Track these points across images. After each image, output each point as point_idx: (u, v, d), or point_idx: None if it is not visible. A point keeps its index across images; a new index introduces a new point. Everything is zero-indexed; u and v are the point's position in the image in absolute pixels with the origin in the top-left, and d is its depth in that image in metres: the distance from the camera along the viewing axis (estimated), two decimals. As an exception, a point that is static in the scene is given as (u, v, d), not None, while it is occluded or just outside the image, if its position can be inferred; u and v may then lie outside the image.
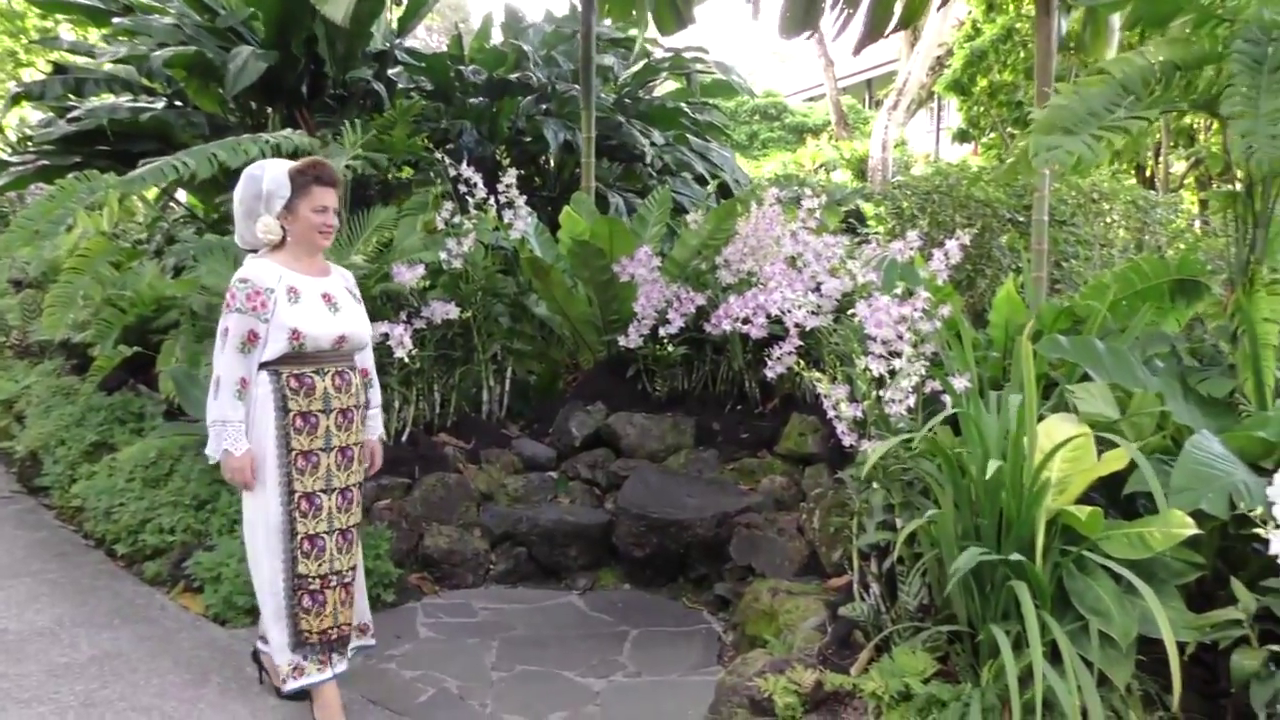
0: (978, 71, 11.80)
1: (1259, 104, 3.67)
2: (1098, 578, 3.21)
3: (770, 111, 27.35)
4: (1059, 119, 4.06)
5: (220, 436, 3.34)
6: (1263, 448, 3.53)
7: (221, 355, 3.34)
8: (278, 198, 3.40)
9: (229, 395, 3.33)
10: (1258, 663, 2.98)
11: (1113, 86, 4.20)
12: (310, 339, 3.39)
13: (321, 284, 3.51)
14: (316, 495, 3.48)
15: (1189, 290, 4.55)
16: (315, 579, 3.48)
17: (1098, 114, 4.07)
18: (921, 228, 5.84)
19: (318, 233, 3.46)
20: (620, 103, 8.59)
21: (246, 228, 3.48)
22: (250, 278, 3.34)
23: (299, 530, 3.45)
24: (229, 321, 3.33)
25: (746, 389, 5.94)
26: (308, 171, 3.42)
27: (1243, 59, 3.82)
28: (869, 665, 3.45)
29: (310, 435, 3.45)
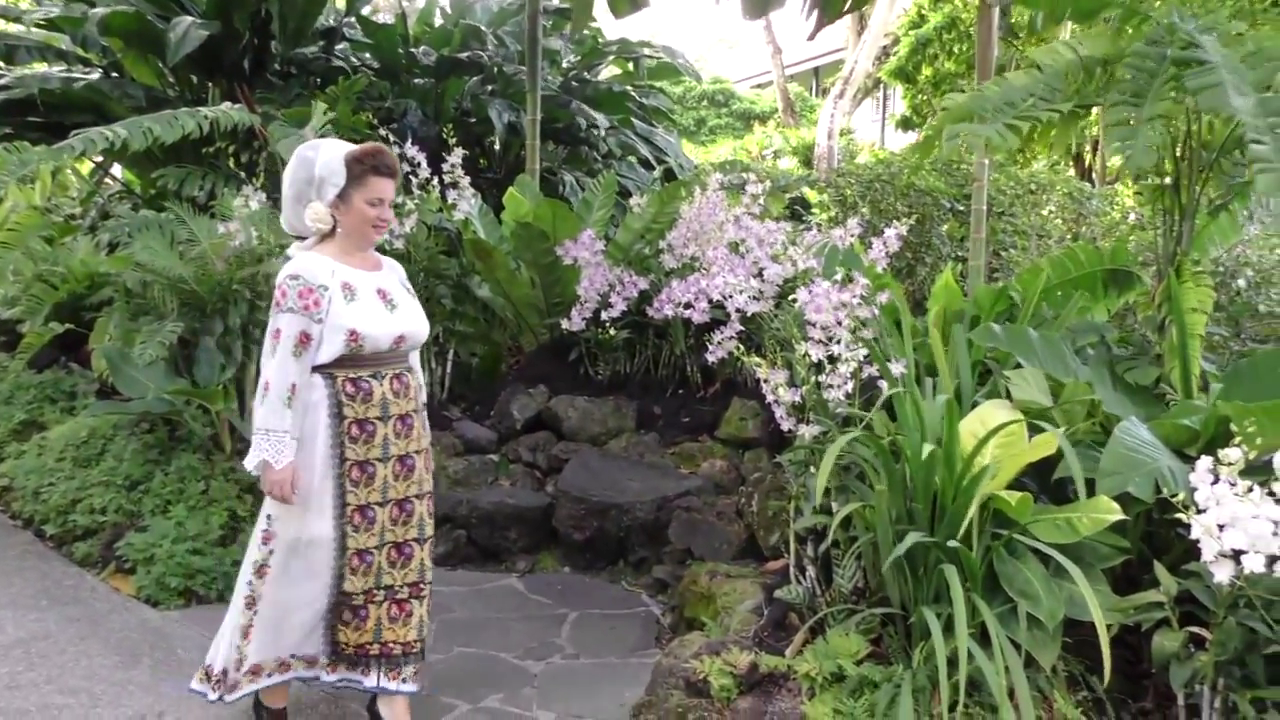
0: (922, 60, 11.92)
1: (1144, 108, 3.72)
2: (1027, 561, 3.28)
3: (718, 98, 27.37)
4: (975, 107, 4.12)
5: (261, 446, 3.02)
6: (1187, 435, 3.62)
7: (271, 359, 3.02)
8: (331, 184, 3.09)
9: (278, 402, 3.00)
10: (1177, 644, 3.06)
11: (1036, 80, 4.27)
12: (369, 340, 3.07)
13: (375, 279, 3.19)
14: (371, 508, 3.18)
15: (1120, 280, 4.65)
16: (360, 594, 3.20)
17: (1014, 104, 4.13)
18: (863, 215, 5.89)
19: (371, 226, 3.14)
20: (567, 85, 8.56)
21: (294, 212, 3.17)
22: (302, 274, 3.02)
23: (350, 545, 3.16)
24: (280, 322, 3.01)
25: (688, 373, 5.96)
26: (365, 159, 3.10)
27: (1137, 61, 3.88)
28: (803, 647, 3.49)
29: (367, 444, 3.14)
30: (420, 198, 6.01)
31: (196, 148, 6.54)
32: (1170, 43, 3.88)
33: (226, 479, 5.07)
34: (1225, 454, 2.99)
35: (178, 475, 5.06)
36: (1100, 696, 3.20)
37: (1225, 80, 3.67)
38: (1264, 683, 2.99)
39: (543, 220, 5.81)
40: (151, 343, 4.87)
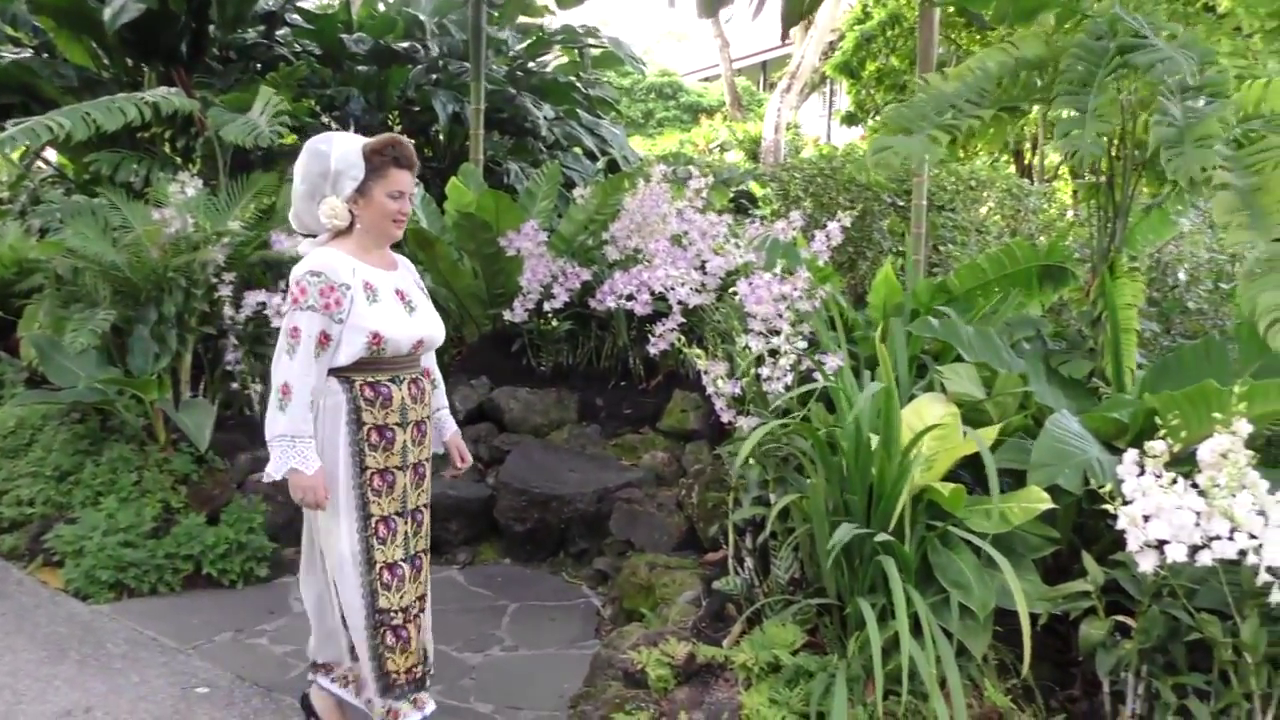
0: (867, 55, 12.01)
1: (1087, 101, 3.78)
2: (960, 552, 3.33)
3: (666, 90, 27.36)
4: (905, 118, 4.16)
5: (288, 453, 2.83)
6: (1116, 427, 3.69)
7: (291, 359, 2.84)
8: (348, 178, 2.91)
9: (301, 406, 2.83)
10: (1103, 632, 3.13)
11: (968, 83, 4.31)
12: (391, 343, 2.93)
13: (393, 279, 3.05)
14: (393, 519, 3.02)
15: (1055, 276, 4.73)
16: (397, 612, 3.03)
17: (941, 112, 4.18)
18: (805, 209, 5.92)
19: (392, 221, 2.99)
20: (512, 75, 8.50)
21: (306, 209, 3.00)
22: (324, 270, 2.85)
23: (377, 559, 2.99)
24: (299, 320, 2.84)
25: (631, 365, 5.96)
26: (385, 150, 2.95)
27: (1080, 53, 3.95)
28: (741, 638, 3.51)
29: (386, 452, 2.99)
30: (361, 186, 5.93)
31: (132, 132, 6.40)
32: (1115, 34, 3.95)
33: (160, 470, 4.99)
34: (1150, 446, 3.05)
35: (109, 466, 4.97)
36: (1029, 684, 3.25)
37: (1176, 55, 3.76)
38: (1185, 669, 3.07)
39: (486, 210, 5.77)
40: (83, 331, 4.78)
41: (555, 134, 8.25)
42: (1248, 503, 2.86)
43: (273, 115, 5.88)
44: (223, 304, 5.36)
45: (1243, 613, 2.92)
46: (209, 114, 6.21)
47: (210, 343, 5.58)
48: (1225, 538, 2.85)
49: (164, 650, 3.97)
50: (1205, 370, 3.95)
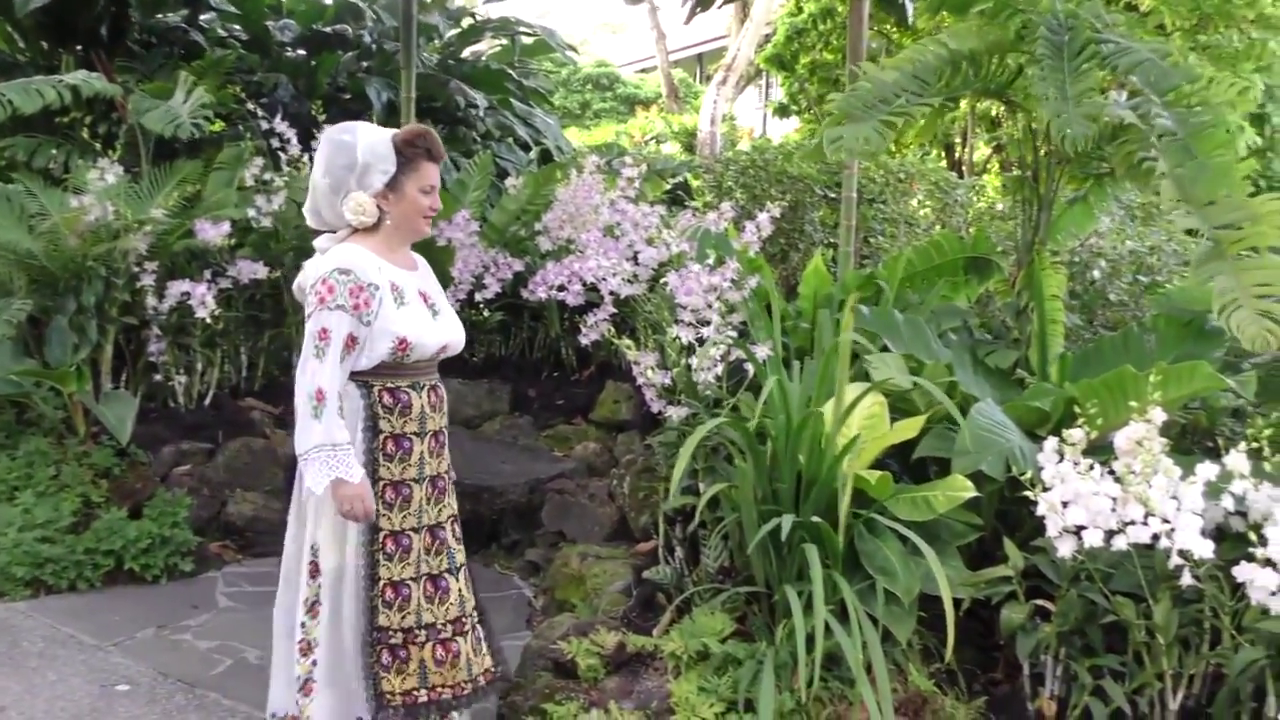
0: (800, 48, 12.09)
1: (1066, 88, 3.88)
2: (886, 539, 3.37)
3: (603, 81, 27.30)
4: (852, 106, 4.20)
5: (329, 464, 2.64)
6: (1038, 416, 3.77)
7: (320, 363, 2.65)
8: (378, 171, 2.75)
9: (333, 413, 2.64)
10: (1024, 616, 3.19)
11: (907, 73, 4.37)
12: (417, 348, 2.78)
13: (416, 279, 2.90)
14: (405, 534, 2.83)
15: (981, 267, 4.81)
16: (397, 632, 2.82)
17: (888, 100, 4.23)
18: (737, 201, 5.95)
19: (422, 217, 2.85)
20: (444, 64, 8.42)
21: (329, 204, 2.79)
22: (353, 269, 2.69)
23: (381, 575, 2.79)
24: (327, 321, 2.65)
25: (563, 356, 5.96)
26: (418, 142, 2.79)
27: (1047, 46, 4.03)
28: (670, 626, 3.52)
29: (403, 463, 2.82)
30: (290, 174, 5.85)
31: (49, 117, 6.23)
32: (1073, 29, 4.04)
33: (80, 464, 4.87)
34: (1069, 434, 3.12)
35: (26, 460, 4.83)
36: (953, 668, 3.31)
37: (1150, 56, 3.86)
38: (1102, 651, 3.15)
39: (416, 200, 5.71)
40: (-2, 321, 4.64)
41: (488, 124, 8.19)
42: (1161, 488, 2.94)
43: (197, 105, 5.76)
44: (145, 294, 5.24)
45: (1156, 595, 3.00)
46: (130, 100, 6.06)
47: (132, 333, 5.45)
48: (1140, 522, 2.92)
49: (83, 648, 3.88)
50: (1124, 360, 4.05)
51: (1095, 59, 3.94)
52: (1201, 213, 3.62)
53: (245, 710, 3.47)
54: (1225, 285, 3.45)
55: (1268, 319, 3.40)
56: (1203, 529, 2.92)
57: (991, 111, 10.12)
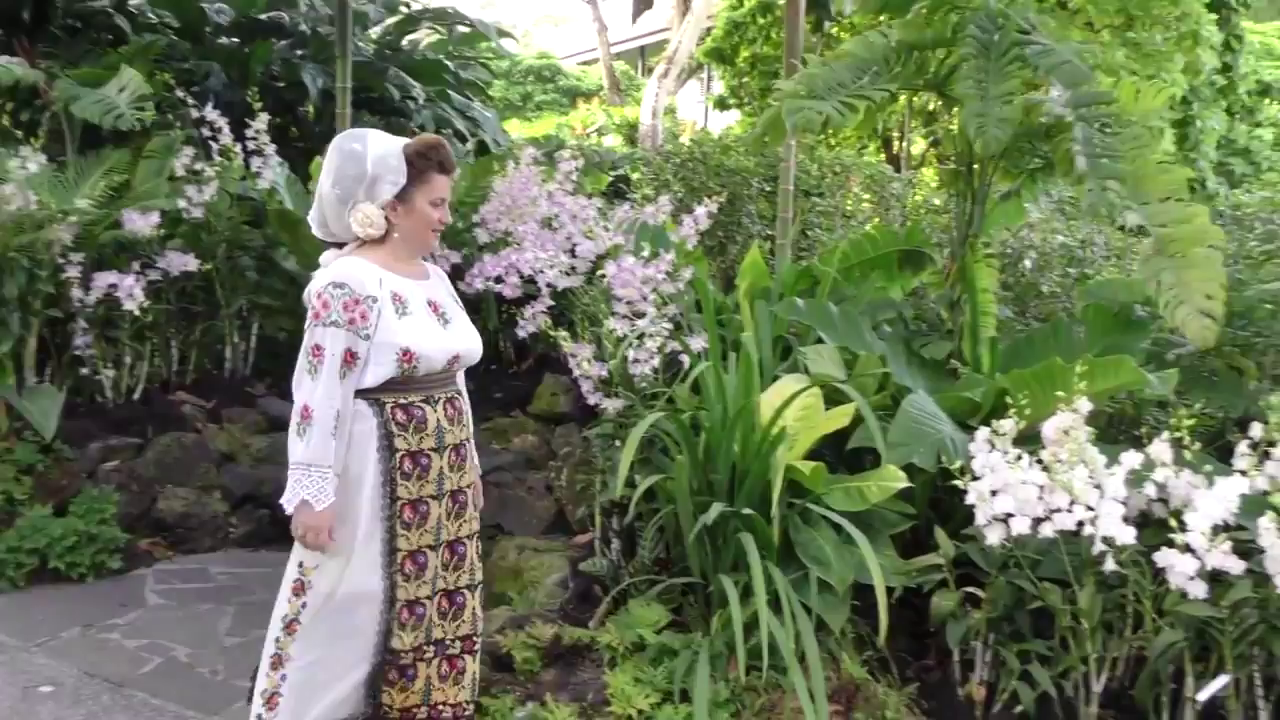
0: (740, 42, 12.14)
1: (988, 87, 3.94)
2: (820, 529, 3.41)
3: (544, 73, 27.21)
4: (810, 85, 4.23)
5: (301, 483, 2.53)
6: (970, 407, 3.82)
7: (315, 381, 2.54)
8: (387, 183, 2.63)
9: (323, 432, 2.52)
10: (954, 604, 3.24)
11: (856, 62, 4.41)
12: (423, 360, 2.65)
13: (425, 289, 2.76)
14: (423, 552, 2.73)
15: (915, 260, 4.86)
16: (408, 653, 2.74)
17: (845, 84, 4.27)
18: (676, 193, 5.96)
19: (431, 231, 2.74)
20: (381, 53, 8.31)
21: (336, 215, 2.67)
22: (347, 282, 2.56)
23: (399, 596, 2.69)
24: (321, 338, 2.55)
25: (501, 349, 5.92)
26: (430, 153, 2.68)
27: (974, 44, 4.08)
28: (606, 618, 3.53)
29: (420, 480, 2.70)
30: (222, 164, 5.75)
31: (-32, 105, 6.08)
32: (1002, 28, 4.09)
33: (2, 460, 4.74)
34: (999, 424, 3.17)
35: (-54, 456, 4.71)
36: (885, 655, 3.35)
37: (1071, 59, 3.92)
38: (1030, 636, 3.21)
39: (352, 191, 5.64)
40: (-85, 314, 4.51)
41: (424, 115, 8.09)
42: (1085, 477, 3.00)
43: (134, 94, 5.63)
44: (70, 285, 5.12)
45: (1081, 581, 3.07)
46: (56, 86, 5.92)
47: (57, 326, 5.32)
48: (1065, 510, 2.99)
49: (4, 649, 3.79)
50: (1054, 350, 4.12)
51: (1019, 60, 4.00)
52: (1143, 212, 3.71)
53: (174, 709, 3.41)
54: (1169, 282, 3.54)
55: (1207, 316, 3.50)
56: (1126, 516, 3.00)
57: (929, 106, 10.24)
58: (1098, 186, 3.66)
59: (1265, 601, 2.89)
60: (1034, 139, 4.43)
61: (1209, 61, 9.37)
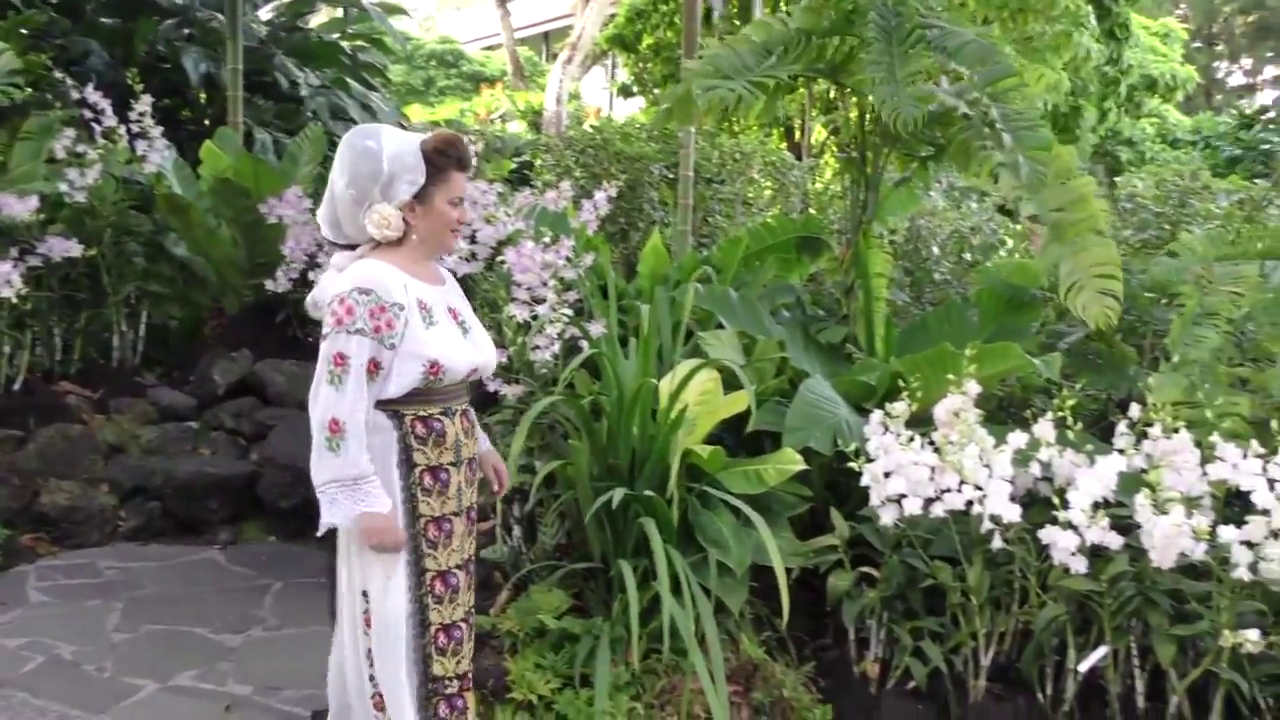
0: (643, 29, 12.16)
1: (895, 70, 4.00)
2: (719, 512, 3.44)
3: (447, 58, 26.86)
4: (717, 66, 4.25)
5: (352, 497, 2.40)
6: (865, 390, 3.90)
7: (338, 391, 2.38)
8: (404, 182, 2.48)
9: (357, 442, 2.39)
10: (849, 583, 3.31)
11: (756, 47, 4.45)
12: (449, 371, 2.51)
13: (444, 295, 2.62)
14: (452, 573, 2.58)
15: (812, 247, 4.93)
16: (452, 680, 2.58)
17: (750, 66, 4.30)
18: (577, 180, 5.95)
19: (450, 231, 2.60)
20: (275, 35, 8.11)
21: (350, 216, 2.50)
22: (374, 288, 2.40)
23: (433, 620, 2.55)
24: (345, 345, 2.37)
25: (402, 337, 5.84)
26: (448, 150, 2.54)
27: (876, 29, 4.15)
28: (507, 605, 3.51)
29: (441, 496, 2.55)
30: (105, 147, 5.56)
31: None
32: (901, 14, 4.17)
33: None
34: (892, 407, 3.25)
35: None
36: (783, 636, 3.41)
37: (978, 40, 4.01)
38: (922, 613, 3.29)
39: (244, 176, 5.52)
40: None
41: (319, 103, 7.90)
42: (974, 457, 3.09)
43: (6, 70, 5.41)
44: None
45: (970, 559, 3.16)
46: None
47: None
48: (955, 490, 3.07)
49: (-124, 651, 3.63)
50: (947, 335, 4.24)
51: (923, 43, 4.08)
52: (1038, 198, 3.82)
53: (57, 710, 3.30)
54: (1068, 269, 3.66)
55: (1107, 297, 3.63)
56: (1014, 495, 3.10)
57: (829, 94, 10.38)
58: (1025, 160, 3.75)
59: (1141, 575, 3.02)
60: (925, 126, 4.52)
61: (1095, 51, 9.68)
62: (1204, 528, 2.83)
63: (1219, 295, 3.72)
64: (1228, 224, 5.18)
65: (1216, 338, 3.54)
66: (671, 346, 4.21)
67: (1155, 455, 3.11)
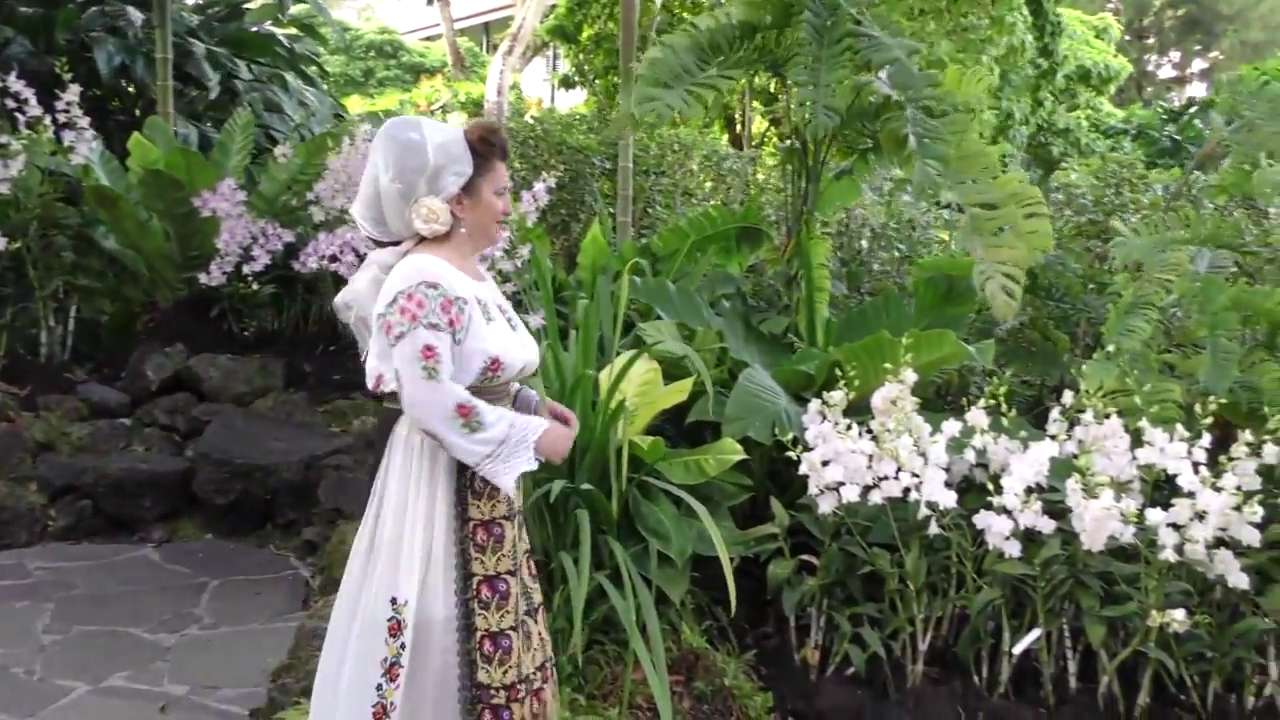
0: (583, 20, 12.12)
1: (820, 75, 4.03)
2: (660, 502, 3.45)
3: (386, 49, 26.57)
4: (657, 74, 4.25)
5: (520, 445, 2.36)
6: (804, 380, 3.93)
7: (438, 380, 2.24)
8: (452, 173, 2.39)
9: (485, 409, 2.30)
10: (789, 571, 3.34)
11: (698, 43, 4.45)
12: (507, 368, 2.42)
13: (489, 291, 2.53)
14: (501, 579, 2.48)
15: (753, 237, 4.95)
16: (499, 690, 2.48)
17: (690, 71, 4.30)
18: (517, 171, 5.91)
19: (496, 222, 2.50)
20: (207, 25, 7.93)
21: (397, 212, 2.39)
22: (440, 281, 2.30)
23: (478, 626, 2.45)
24: (428, 338, 2.24)
25: (339, 329, 5.78)
26: (492, 138, 2.45)
27: (809, 29, 4.17)
28: (448, 599, 3.49)
29: (491, 499, 2.46)
30: (29, 138, 5.43)
31: None
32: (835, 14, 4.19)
33: None
34: (830, 396, 3.27)
35: None
36: (724, 625, 3.43)
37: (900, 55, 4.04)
38: (861, 600, 3.33)
39: (176, 168, 5.41)
40: None
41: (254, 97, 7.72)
42: (911, 445, 3.13)
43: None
44: None
45: (908, 545, 3.19)
46: None
47: None
48: (892, 477, 3.11)
49: None
50: (886, 323, 4.29)
51: (850, 51, 4.12)
52: (960, 190, 3.88)
53: (-24, 714, 3.24)
54: (980, 258, 3.73)
55: (1008, 295, 3.70)
56: (949, 481, 3.14)
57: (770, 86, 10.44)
58: (924, 166, 3.81)
59: (1073, 558, 3.07)
60: (865, 119, 4.56)
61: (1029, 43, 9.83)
62: (1132, 511, 2.89)
63: (1151, 284, 3.80)
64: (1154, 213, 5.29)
65: (1148, 327, 3.61)
66: (612, 338, 4.20)
67: (1087, 440, 3.17)
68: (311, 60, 8.78)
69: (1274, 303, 3.72)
